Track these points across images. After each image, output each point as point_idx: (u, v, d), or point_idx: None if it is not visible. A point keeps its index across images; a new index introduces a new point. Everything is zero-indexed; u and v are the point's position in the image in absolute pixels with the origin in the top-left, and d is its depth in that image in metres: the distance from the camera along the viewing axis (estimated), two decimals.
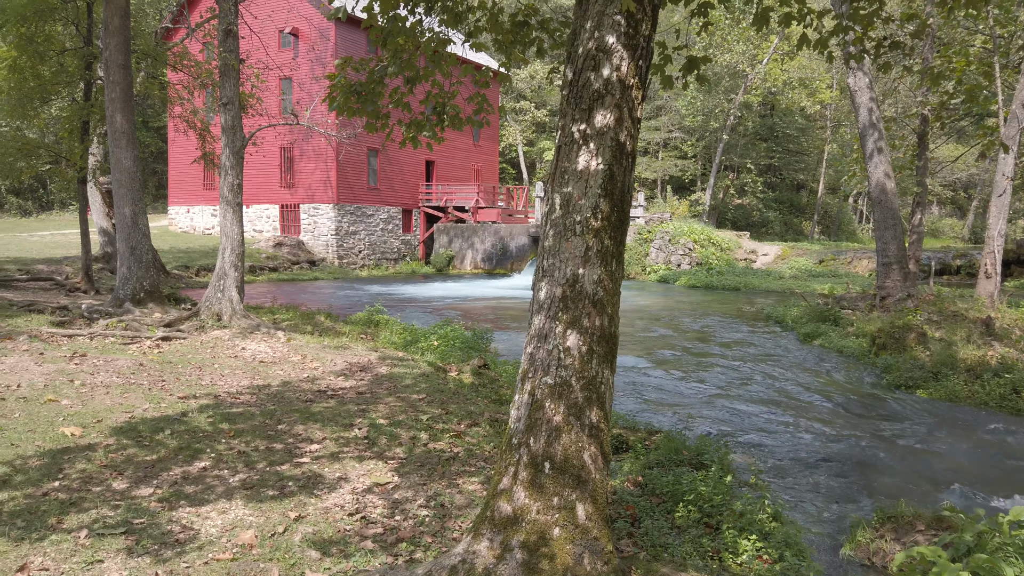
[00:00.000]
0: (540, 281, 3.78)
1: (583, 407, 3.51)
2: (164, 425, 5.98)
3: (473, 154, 40.99)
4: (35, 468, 4.86)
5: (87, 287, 17.24)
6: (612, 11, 3.83)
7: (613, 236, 3.74)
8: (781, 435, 8.38)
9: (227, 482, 4.83)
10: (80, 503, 4.33)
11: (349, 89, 5.92)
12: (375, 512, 4.48)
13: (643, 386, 10.75)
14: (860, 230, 54.92)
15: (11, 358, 8.36)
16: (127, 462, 5.09)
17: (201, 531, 4.09)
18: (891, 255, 15.45)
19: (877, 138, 15.40)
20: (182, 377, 8.06)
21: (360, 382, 8.36)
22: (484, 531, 3.44)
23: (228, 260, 12.85)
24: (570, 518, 3.35)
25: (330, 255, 32.74)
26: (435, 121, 6.32)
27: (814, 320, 15.37)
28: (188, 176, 36.01)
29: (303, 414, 6.65)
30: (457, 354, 11.38)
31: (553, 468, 3.41)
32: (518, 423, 3.60)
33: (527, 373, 3.67)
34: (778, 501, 5.75)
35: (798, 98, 43.97)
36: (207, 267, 26.57)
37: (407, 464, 5.37)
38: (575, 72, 3.89)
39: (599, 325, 3.62)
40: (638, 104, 3.91)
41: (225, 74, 12.72)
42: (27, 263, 21.53)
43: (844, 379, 11.46)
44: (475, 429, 6.60)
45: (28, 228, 35.88)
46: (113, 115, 13.52)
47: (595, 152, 3.74)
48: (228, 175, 12.79)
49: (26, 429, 5.66)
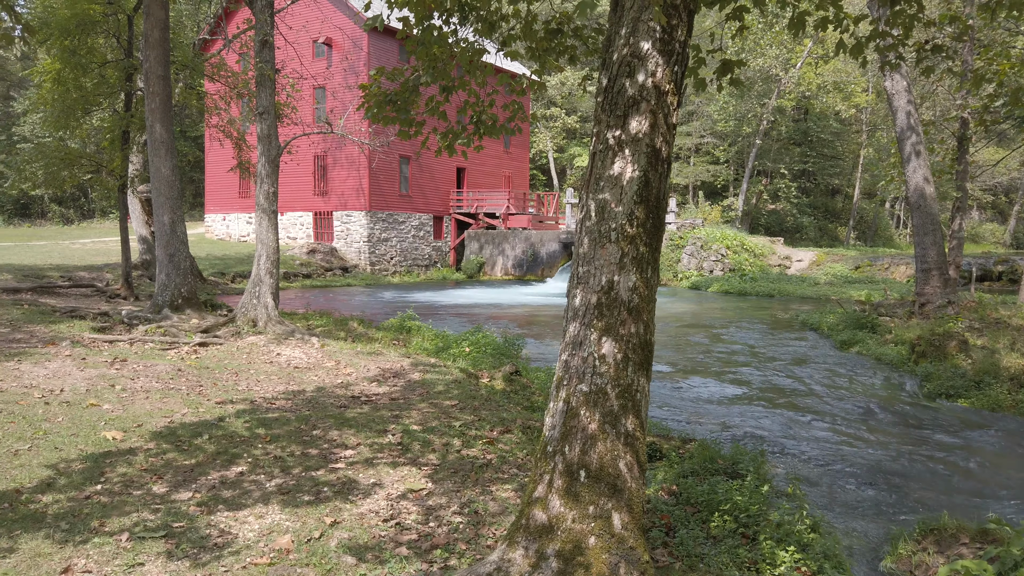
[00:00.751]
0: (575, 288, 3.77)
1: (618, 415, 3.49)
2: (202, 430, 6.07)
3: (504, 161, 41.10)
4: (78, 472, 4.96)
5: (127, 293, 17.61)
6: (647, 17, 3.82)
7: (648, 243, 3.71)
8: (818, 444, 8.24)
9: (263, 487, 4.88)
10: (121, 506, 4.41)
11: (384, 98, 5.97)
12: (409, 518, 4.49)
13: (676, 393, 10.65)
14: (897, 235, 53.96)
15: (54, 363, 8.56)
16: (166, 466, 5.17)
17: (239, 535, 4.14)
18: (930, 261, 15.14)
19: (915, 142, 15.12)
20: (219, 382, 8.18)
21: (393, 388, 8.40)
22: (519, 539, 3.43)
23: (263, 267, 13.03)
24: (606, 527, 3.32)
25: (362, 262, 33.04)
26: (472, 131, 6.36)
27: (851, 327, 15.10)
28: (224, 184, 36.64)
29: (337, 420, 6.70)
30: (489, 360, 11.39)
31: (588, 476, 3.39)
32: (553, 431, 3.59)
33: (562, 380, 3.66)
34: (816, 512, 5.65)
35: (833, 102, 43.37)
36: (242, 274, 26.96)
37: (441, 470, 5.38)
38: (610, 78, 3.88)
39: (635, 332, 3.60)
40: (673, 110, 3.88)
41: (261, 84, 12.92)
42: (69, 270, 22.06)
43: (882, 387, 11.24)
44: (508, 436, 6.60)
45: (70, 236, 36.76)
46: (153, 125, 13.81)
47: (630, 158, 3.73)
48: (264, 183, 12.98)
49: (69, 433, 5.78)
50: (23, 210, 46.98)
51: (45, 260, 25.00)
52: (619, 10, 3.98)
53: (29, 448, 5.36)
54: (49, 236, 36.46)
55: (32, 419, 6.14)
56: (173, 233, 13.97)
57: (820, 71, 42.35)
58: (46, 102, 17.05)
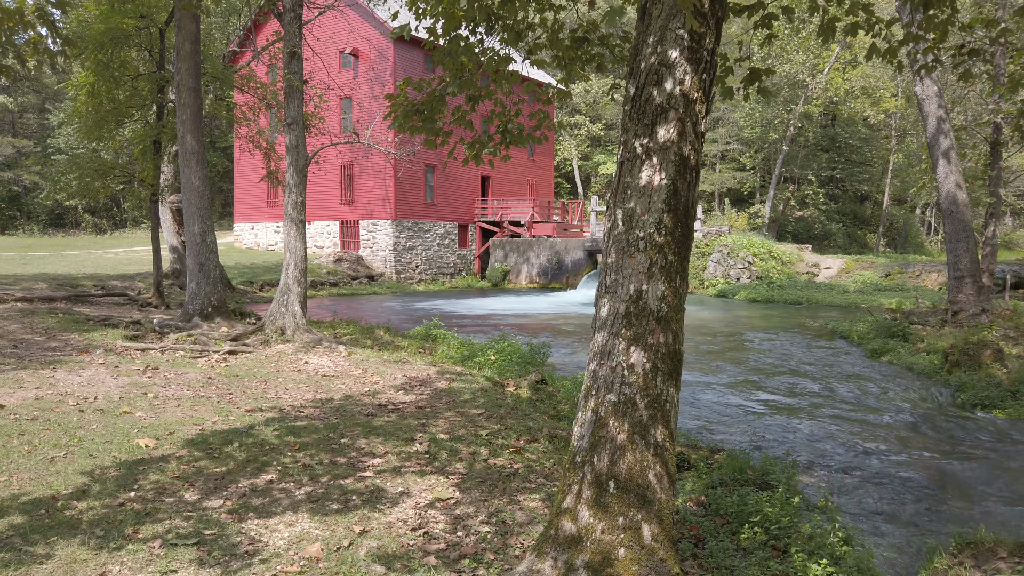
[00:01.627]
0: (602, 297, 3.76)
1: (648, 425, 3.47)
2: (233, 438, 6.13)
3: (528, 169, 41.17)
4: (112, 479, 5.04)
5: (158, 302, 17.88)
6: (675, 25, 3.81)
7: (677, 251, 3.69)
8: (849, 454, 8.11)
9: (293, 495, 4.92)
10: (154, 513, 4.47)
11: (410, 108, 6.02)
12: (437, 528, 4.49)
13: (704, 403, 10.56)
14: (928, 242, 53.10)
15: (88, 371, 8.71)
16: (198, 474, 5.23)
17: (269, 543, 4.17)
18: (963, 268, 14.88)
19: (947, 147, 14.89)
20: (248, 390, 8.27)
21: (420, 396, 8.43)
22: (548, 550, 3.42)
23: (291, 276, 13.15)
24: (635, 539, 3.30)
25: (388, 270, 33.24)
26: (498, 140, 6.39)
27: (882, 335, 14.87)
28: (253, 194, 37.12)
29: (365, 428, 6.73)
30: (514, 369, 11.38)
31: (618, 487, 3.37)
32: (581, 441, 3.58)
33: (590, 390, 3.65)
34: (849, 524, 5.56)
35: (861, 107, 42.84)
36: (270, 282, 27.26)
37: (468, 479, 5.38)
38: (637, 87, 3.87)
39: (663, 342, 3.58)
40: (702, 118, 3.86)
41: (290, 95, 13.08)
42: (102, 279, 22.45)
43: (915, 397, 11.04)
44: (534, 445, 6.58)
45: (103, 245, 37.45)
46: (184, 136, 14.04)
47: (658, 167, 3.71)
48: (292, 193, 13.12)
49: (103, 440, 5.87)
50: (57, 220, 47.97)
51: (79, 269, 25.47)
52: (647, 19, 3.97)
53: (64, 455, 5.46)
54: (82, 245, 37.17)
55: (67, 426, 6.25)
56: (203, 243, 14.17)
57: (848, 76, 41.89)
58: (80, 114, 17.41)
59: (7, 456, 5.38)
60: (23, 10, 3.82)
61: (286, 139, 13.18)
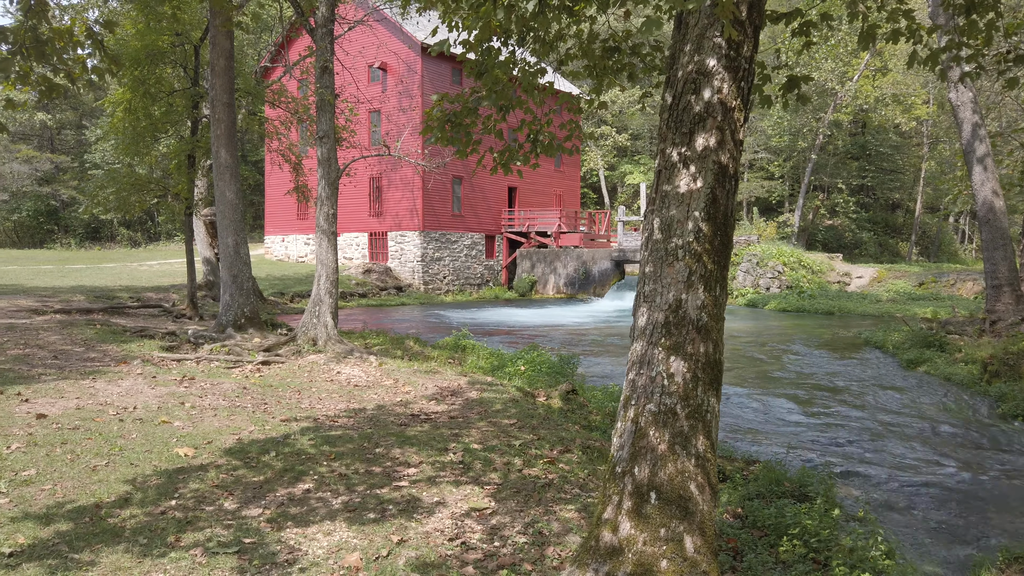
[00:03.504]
0: (640, 307, 3.75)
1: (688, 435, 3.44)
2: (270, 447, 6.20)
3: (555, 179, 41.19)
4: (153, 487, 5.11)
5: (192, 313, 18.15)
6: (712, 34, 3.80)
7: (716, 260, 3.67)
8: (888, 466, 7.97)
9: (330, 504, 4.95)
10: (195, 522, 4.53)
11: (443, 119, 6.07)
12: (474, 537, 4.49)
13: (738, 413, 10.44)
14: (963, 251, 52.15)
15: (127, 381, 8.86)
16: (236, 483, 5.29)
17: (308, 552, 4.20)
18: (1001, 277, 14.58)
19: (983, 154, 14.64)
20: (283, 400, 8.35)
21: (452, 407, 8.44)
22: (588, 561, 3.40)
23: (323, 287, 13.28)
24: (678, 550, 3.27)
25: (416, 281, 33.41)
26: (528, 149, 6.42)
27: (917, 345, 14.60)
28: (283, 207, 37.58)
29: (399, 438, 6.76)
30: (544, 379, 11.36)
31: (659, 498, 3.35)
32: (621, 451, 3.56)
33: (629, 400, 3.63)
34: (890, 537, 5.46)
35: (892, 115, 42.27)
36: (301, 293, 27.53)
37: (503, 490, 5.37)
38: (674, 96, 3.87)
39: (704, 351, 3.56)
40: (740, 126, 3.85)
41: (321, 109, 13.25)
42: (137, 291, 22.86)
43: (954, 408, 10.82)
44: (567, 455, 6.56)
45: (137, 258, 38.13)
46: (218, 151, 14.28)
47: (696, 175, 3.70)
48: (324, 205, 13.26)
49: (143, 449, 5.97)
50: (94, 233, 48.96)
51: (115, 281, 25.96)
52: (683, 28, 3.98)
53: (106, 464, 5.55)
54: (118, 258, 37.89)
55: (108, 435, 6.36)
56: (237, 255, 14.38)
57: (878, 83, 41.37)
58: (117, 130, 17.80)
59: (51, 464, 5.49)
60: (72, 30, 3.94)
61: (318, 152, 13.35)
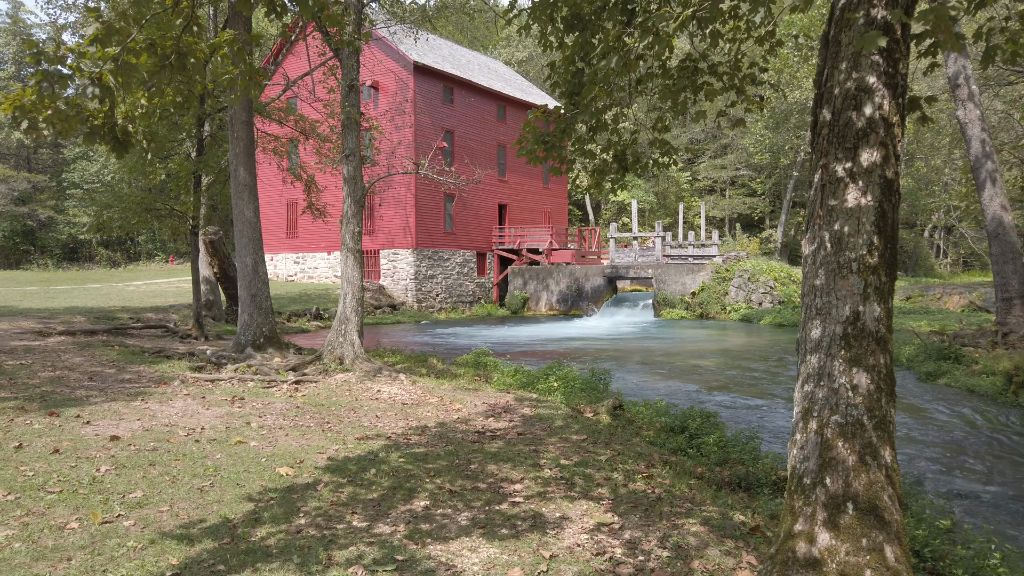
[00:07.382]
0: (812, 320, 3.80)
1: (877, 446, 3.49)
2: (366, 465, 6.11)
3: (543, 196, 41.42)
4: (273, 505, 5.01)
5: (197, 333, 17.86)
6: (869, 51, 3.90)
7: (888, 272, 3.74)
8: (943, 477, 8.10)
9: (456, 520, 4.90)
10: (335, 539, 4.45)
11: (538, 138, 6.11)
12: (616, 552, 4.48)
13: (776, 427, 10.54)
14: (939, 265, 53.35)
15: (178, 402, 8.69)
16: (352, 500, 5.21)
17: (464, 569, 4.15)
18: (1012, 290, 14.96)
19: (991, 169, 15.07)
20: (343, 419, 8.25)
21: (511, 423, 8.41)
22: (790, 573, 3.41)
23: (349, 305, 13.17)
24: (880, 560, 3.30)
25: (409, 299, 33.26)
26: (616, 168, 6.51)
27: (933, 358, 14.89)
28: (272, 226, 37.22)
29: (483, 455, 6.72)
30: (581, 395, 11.37)
31: (856, 509, 3.38)
32: (806, 463, 3.59)
33: (809, 412, 3.67)
34: (1003, 547, 5.55)
35: None
36: (297, 312, 27.27)
37: (619, 504, 5.36)
38: (833, 112, 3.95)
39: (884, 363, 3.61)
40: (899, 141, 3.94)
41: (347, 127, 13.20)
42: (135, 311, 22.45)
43: (985, 419, 11.04)
44: (654, 470, 6.57)
45: (120, 278, 37.43)
46: (237, 169, 14.15)
47: (864, 189, 3.78)
48: (350, 223, 13.18)
49: (241, 469, 5.85)
50: (72, 254, 48.04)
51: (106, 302, 25.46)
52: (835, 45, 4.07)
53: (211, 484, 5.44)
54: (100, 279, 37.17)
55: (192, 456, 6.23)
56: (256, 274, 14.21)
57: None
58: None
59: (153, 486, 5.36)
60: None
61: (343, 170, 13.27)
